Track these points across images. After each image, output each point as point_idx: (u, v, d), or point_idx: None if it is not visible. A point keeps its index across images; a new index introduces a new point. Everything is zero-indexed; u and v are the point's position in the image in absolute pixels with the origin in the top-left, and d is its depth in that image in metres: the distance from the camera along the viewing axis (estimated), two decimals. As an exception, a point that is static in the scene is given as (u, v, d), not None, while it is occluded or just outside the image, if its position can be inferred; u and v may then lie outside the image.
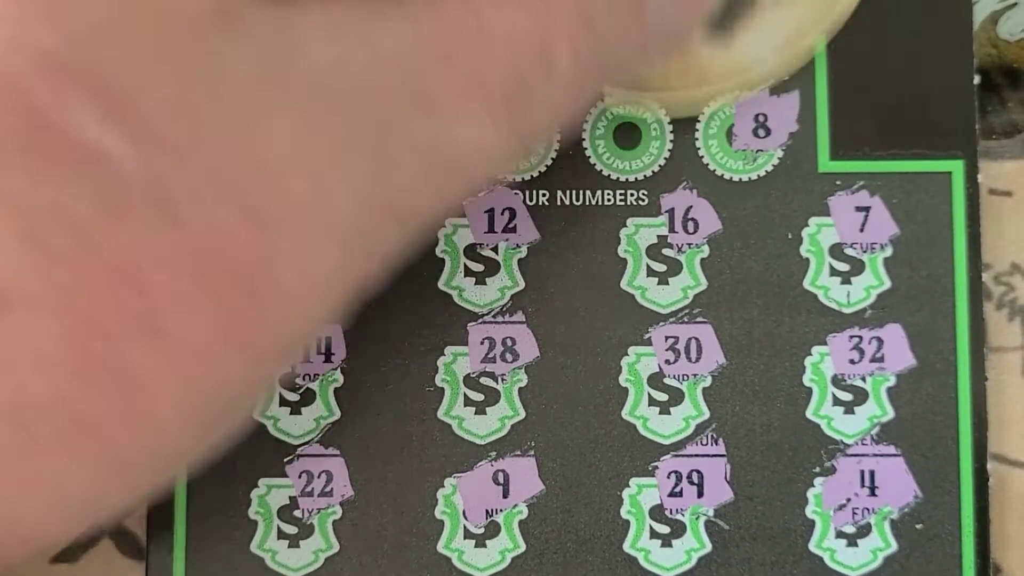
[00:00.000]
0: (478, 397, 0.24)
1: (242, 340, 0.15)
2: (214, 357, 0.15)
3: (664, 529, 0.24)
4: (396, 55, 0.16)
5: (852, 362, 0.24)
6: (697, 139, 0.25)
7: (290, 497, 0.24)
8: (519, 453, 0.24)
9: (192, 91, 0.14)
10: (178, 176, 0.14)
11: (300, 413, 0.24)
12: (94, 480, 0.15)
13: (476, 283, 0.24)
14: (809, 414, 0.24)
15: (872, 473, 0.24)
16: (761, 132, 0.25)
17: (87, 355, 0.14)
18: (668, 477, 0.24)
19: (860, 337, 0.24)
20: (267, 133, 0.15)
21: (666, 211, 0.25)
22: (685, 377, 0.24)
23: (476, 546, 0.24)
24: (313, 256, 0.15)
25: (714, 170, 0.25)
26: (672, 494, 0.24)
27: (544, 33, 0.17)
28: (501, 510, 0.24)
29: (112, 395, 0.14)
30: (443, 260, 0.24)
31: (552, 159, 0.25)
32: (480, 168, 0.17)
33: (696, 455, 0.24)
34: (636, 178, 0.25)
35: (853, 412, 0.24)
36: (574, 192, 0.25)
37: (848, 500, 0.24)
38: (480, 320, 0.24)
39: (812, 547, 0.24)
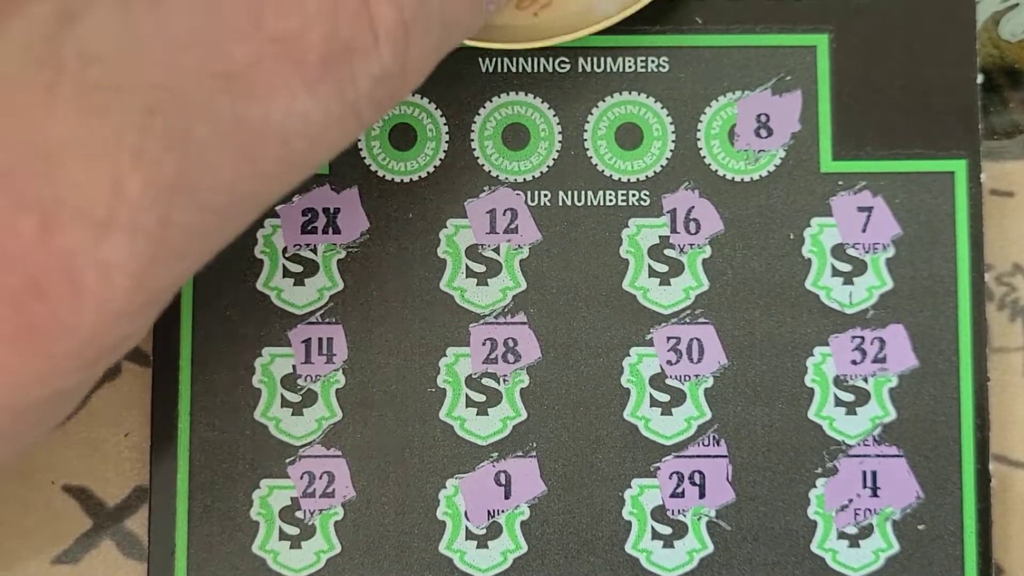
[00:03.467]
0: (480, 398, 0.24)
1: (36, 343, 0.15)
2: (9, 361, 0.14)
3: (666, 530, 0.24)
4: (190, 31, 0.15)
5: (854, 363, 0.24)
6: (699, 139, 0.25)
7: (292, 498, 0.24)
8: (521, 454, 0.24)
9: None
10: None
11: (302, 414, 0.24)
12: None
13: (478, 284, 0.24)
14: (811, 415, 0.24)
15: (874, 474, 0.24)
16: (763, 132, 0.25)
17: None
18: (670, 478, 0.24)
19: (862, 338, 0.24)
20: (45, 122, 0.14)
21: (668, 211, 0.25)
22: (687, 378, 0.24)
23: (478, 547, 0.24)
24: (111, 252, 0.15)
25: (716, 170, 0.25)
26: (674, 495, 0.24)
27: None
28: (503, 511, 0.24)
29: None
30: (445, 261, 0.24)
31: (554, 160, 0.25)
32: (300, 140, 0.16)
33: (698, 456, 0.24)
34: (638, 178, 0.25)
35: (855, 413, 0.24)
36: (576, 193, 0.25)
37: (850, 501, 0.24)
38: (482, 321, 0.24)
39: (814, 548, 0.24)
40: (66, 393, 0.16)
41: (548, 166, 0.25)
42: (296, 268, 0.24)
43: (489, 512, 0.24)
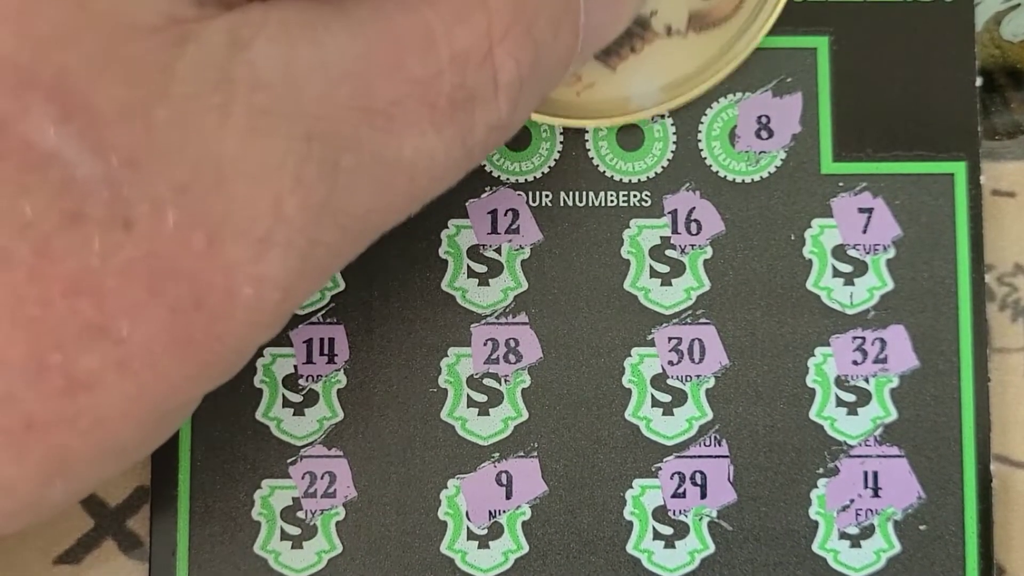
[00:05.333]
0: (481, 398, 0.24)
1: (193, 349, 0.15)
2: (163, 364, 0.15)
3: (667, 530, 0.24)
4: (343, 67, 0.16)
5: (855, 363, 0.24)
6: (700, 140, 0.25)
7: (293, 498, 0.24)
8: (522, 454, 0.24)
9: (145, 99, 0.14)
10: (131, 181, 0.14)
11: (303, 414, 0.24)
12: (39, 478, 0.15)
13: (479, 284, 0.24)
14: (812, 415, 0.24)
15: (875, 474, 0.24)
16: (764, 133, 0.25)
17: (39, 358, 0.14)
18: (671, 478, 0.24)
19: (863, 338, 0.24)
20: (218, 142, 0.15)
21: (669, 212, 0.25)
22: (688, 378, 0.24)
23: (479, 547, 0.24)
24: (268, 267, 0.15)
25: (717, 171, 0.25)
26: (675, 495, 0.24)
27: (489, 42, 0.17)
28: (504, 511, 0.24)
29: (62, 398, 0.15)
30: (446, 261, 0.24)
31: (555, 160, 0.25)
32: (424, 177, 0.17)
33: (699, 456, 0.24)
34: (639, 179, 0.25)
35: (856, 413, 0.24)
36: (577, 193, 0.25)
37: (851, 501, 0.24)
38: (483, 321, 0.24)
39: (815, 548, 0.24)
40: (196, 402, 0.17)
41: (550, 166, 0.25)
42: (298, 268, 0.24)
43: (490, 512, 0.24)
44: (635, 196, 0.25)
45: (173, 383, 0.15)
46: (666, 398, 0.24)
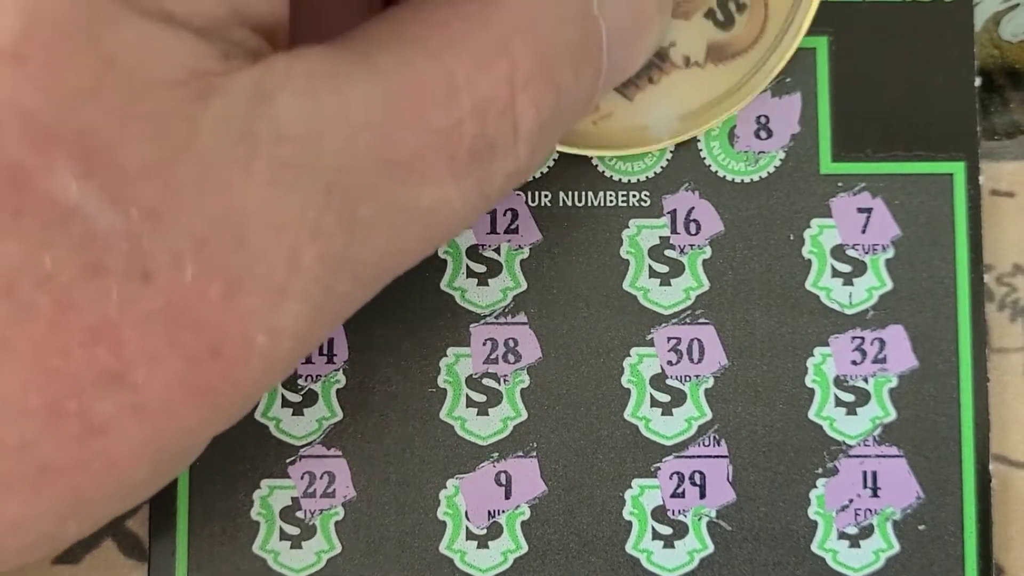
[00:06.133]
0: (480, 398, 0.24)
1: (207, 396, 0.15)
2: (178, 410, 0.15)
3: (666, 530, 0.24)
4: (367, 117, 0.16)
5: (854, 363, 0.24)
6: (699, 140, 0.25)
7: (292, 498, 0.24)
8: (521, 454, 0.24)
9: (167, 154, 0.14)
10: (151, 234, 0.14)
11: (302, 414, 0.24)
12: (52, 519, 0.15)
13: (478, 284, 0.24)
14: (811, 415, 0.24)
15: (874, 474, 0.24)
16: (763, 133, 0.25)
17: (57, 405, 0.14)
18: (670, 478, 0.24)
19: (862, 338, 0.24)
20: (239, 195, 0.15)
21: (668, 212, 0.25)
22: (687, 378, 0.24)
23: (478, 547, 0.24)
24: (283, 317, 0.16)
25: (716, 171, 0.25)
26: (674, 495, 0.24)
27: (511, 90, 0.17)
28: (503, 511, 0.24)
29: (77, 444, 0.15)
30: (445, 261, 0.24)
31: (555, 160, 0.25)
32: (442, 224, 0.17)
33: (698, 456, 0.24)
34: (638, 179, 0.25)
35: (855, 413, 0.24)
36: (576, 193, 0.25)
37: (850, 501, 0.24)
38: (482, 321, 0.24)
39: (814, 548, 0.24)
40: (206, 443, 0.17)
41: (549, 166, 0.25)
42: (297, 268, 0.24)
43: (489, 512, 0.24)
44: (634, 196, 0.25)
45: (186, 427, 0.16)
46: (665, 398, 0.24)
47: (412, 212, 0.17)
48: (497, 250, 0.24)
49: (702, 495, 0.24)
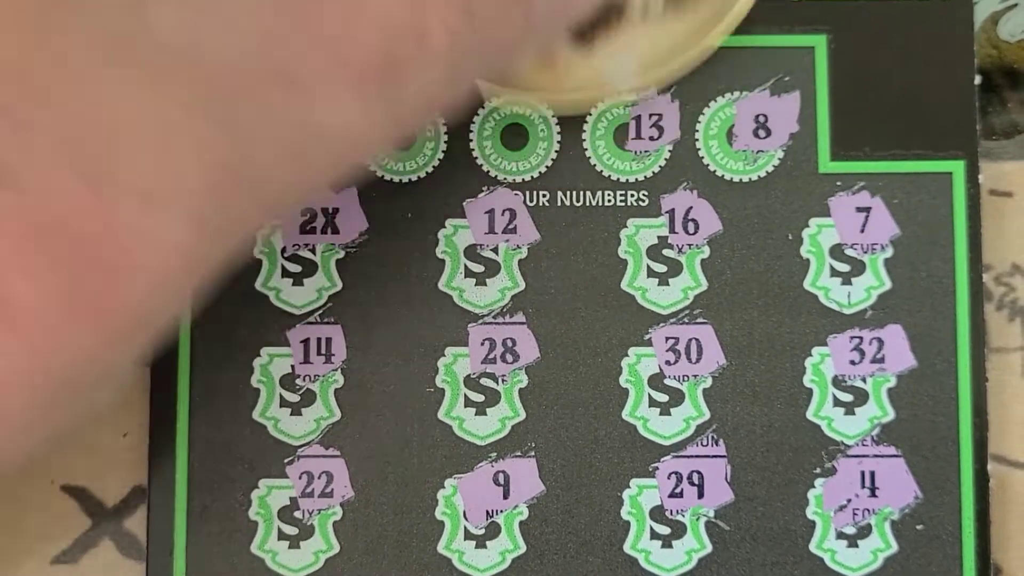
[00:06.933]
0: (478, 398, 0.24)
1: (91, 313, 0.15)
2: (62, 330, 0.15)
3: (664, 530, 0.24)
4: (254, 24, 0.15)
5: (852, 363, 0.24)
6: (698, 139, 0.25)
7: (290, 498, 0.24)
8: (519, 454, 0.24)
9: (34, 61, 0.14)
10: (19, 143, 0.14)
11: (300, 414, 0.24)
12: None
13: (476, 284, 0.24)
14: (810, 415, 0.24)
15: (872, 474, 0.24)
16: (761, 133, 0.25)
17: None
18: (668, 478, 0.24)
19: (861, 338, 0.24)
20: (112, 100, 0.15)
21: (666, 212, 0.25)
22: (685, 378, 0.24)
23: (476, 547, 0.24)
24: (164, 228, 0.15)
25: (714, 171, 0.25)
26: (672, 495, 0.24)
27: (418, 8, 0.16)
28: (501, 511, 0.24)
29: None
30: (443, 261, 0.24)
31: (552, 160, 0.25)
32: (348, 148, 0.17)
33: (696, 456, 0.24)
34: (636, 179, 0.25)
35: (853, 413, 0.24)
36: (574, 193, 0.25)
37: (848, 501, 0.24)
38: (480, 321, 0.24)
39: (813, 548, 0.24)
40: (106, 376, 0.16)
41: (547, 166, 0.25)
42: (295, 268, 0.24)
43: (488, 512, 0.24)
44: (632, 196, 0.25)
45: (75, 352, 0.15)
46: (663, 398, 0.24)
47: (306, 127, 0.16)
48: (495, 250, 0.24)
49: (700, 495, 0.24)
